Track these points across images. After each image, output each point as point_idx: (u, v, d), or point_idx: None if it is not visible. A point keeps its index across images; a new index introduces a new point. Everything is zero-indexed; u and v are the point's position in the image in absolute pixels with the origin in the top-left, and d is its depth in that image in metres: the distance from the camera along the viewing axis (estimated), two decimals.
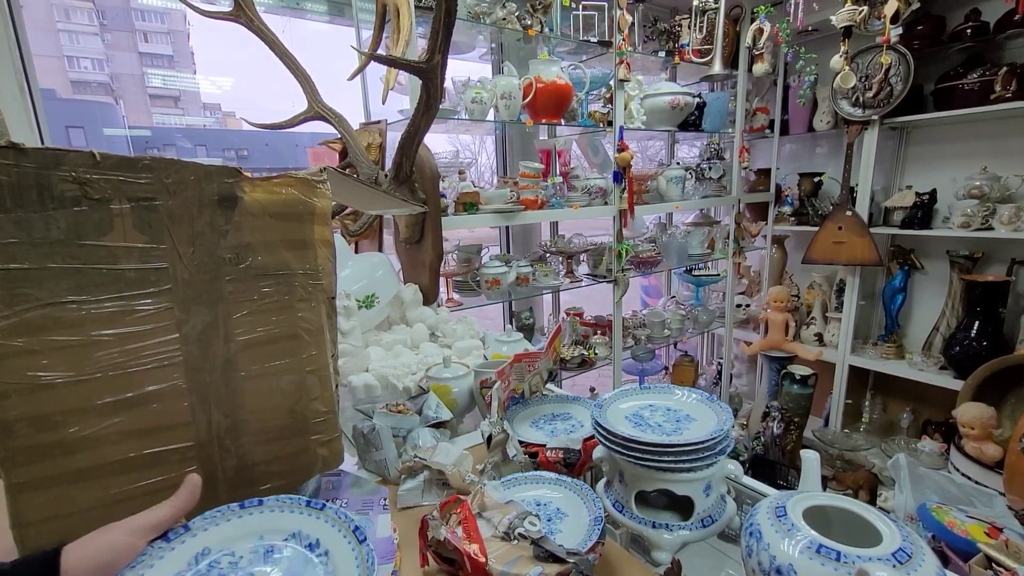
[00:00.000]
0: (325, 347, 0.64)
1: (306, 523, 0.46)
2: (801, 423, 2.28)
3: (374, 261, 1.28)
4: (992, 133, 2.14)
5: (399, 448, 0.87)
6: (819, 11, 1.99)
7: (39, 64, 1.47)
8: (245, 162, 17.14)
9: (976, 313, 2.02)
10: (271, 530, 0.46)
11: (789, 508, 0.56)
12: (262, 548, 0.45)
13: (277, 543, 0.46)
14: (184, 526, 0.46)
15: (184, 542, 0.45)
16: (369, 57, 1.34)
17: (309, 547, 0.45)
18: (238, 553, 0.45)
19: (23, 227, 0.47)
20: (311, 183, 0.61)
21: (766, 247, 2.81)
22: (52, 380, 0.49)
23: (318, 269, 0.63)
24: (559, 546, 0.56)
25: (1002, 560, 0.71)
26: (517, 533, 0.56)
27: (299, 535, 0.46)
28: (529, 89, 1.80)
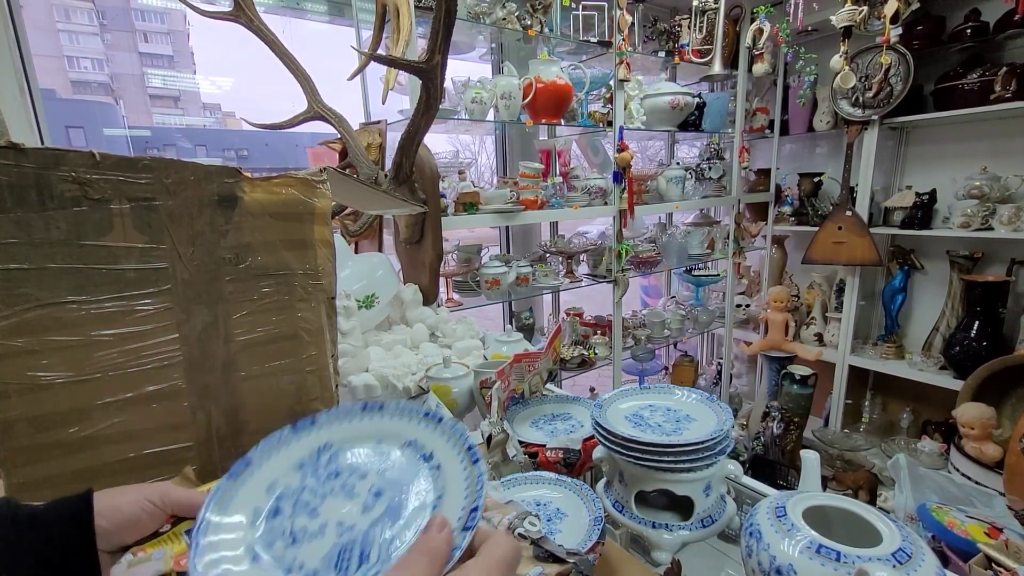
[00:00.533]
0: (325, 347, 0.64)
1: (423, 434, 0.45)
2: (801, 423, 2.28)
3: (374, 261, 1.28)
4: (992, 133, 2.14)
5: None
6: (819, 11, 1.99)
7: (39, 64, 1.47)
8: (245, 162, 17.15)
9: (976, 313, 2.02)
10: (389, 435, 0.45)
11: (789, 508, 0.56)
12: (379, 451, 0.45)
13: (394, 449, 0.45)
14: (311, 419, 0.45)
15: (310, 434, 0.45)
16: (369, 57, 1.34)
17: (423, 458, 0.43)
18: (357, 452, 0.44)
19: (23, 227, 0.47)
20: (311, 183, 0.61)
21: (766, 247, 2.81)
22: (52, 380, 0.49)
23: (318, 269, 0.63)
24: (559, 546, 0.56)
25: (1002, 560, 0.71)
26: (517, 533, 0.56)
27: (415, 444, 0.44)
28: (529, 89, 1.80)
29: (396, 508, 0.39)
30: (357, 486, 0.41)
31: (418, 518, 0.38)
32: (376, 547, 0.37)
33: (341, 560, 0.36)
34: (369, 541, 0.37)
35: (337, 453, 0.44)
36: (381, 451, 0.44)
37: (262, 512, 0.40)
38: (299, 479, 0.42)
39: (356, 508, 0.40)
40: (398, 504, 0.39)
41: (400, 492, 0.40)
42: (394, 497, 0.40)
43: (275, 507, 0.40)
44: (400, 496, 0.40)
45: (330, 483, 0.42)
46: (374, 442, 0.45)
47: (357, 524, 0.38)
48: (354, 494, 0.41)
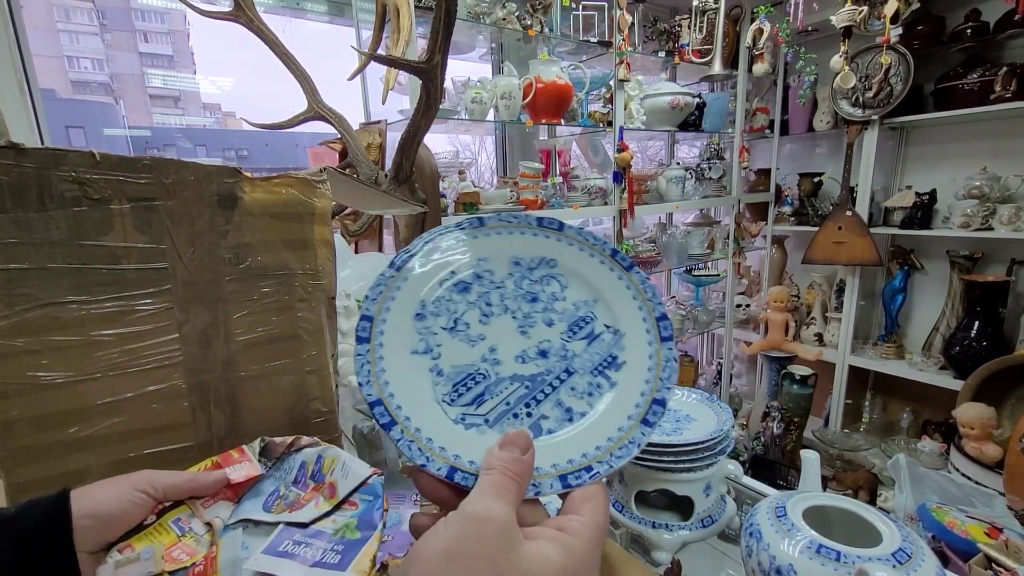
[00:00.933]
0: (325, 347, 0.64)
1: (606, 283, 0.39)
2: (801, 423, 2.28)
3: (374, 261, 1.28)
4: (992, 133, 2.14)
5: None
6: (819, 11, 1.99)
7: (39, 64, 1.47)
8: (245, 162, 17.14)
9: (976, 313, 2.02)
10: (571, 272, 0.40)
11: (789, 508, 0.56)
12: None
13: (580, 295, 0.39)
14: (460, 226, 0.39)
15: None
16: (369, 57, 1.34)
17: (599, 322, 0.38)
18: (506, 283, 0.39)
19: (23, 227, 0.47)
20: (311, 183, 0.61)
21: (766, 247, 2.81)
22: (52, 380, 0.49)
23: (318, 269, 0.63)
24: None
25: (1002, 560, 0.71)
26: None
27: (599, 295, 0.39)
28: (529, 89, 1.80)
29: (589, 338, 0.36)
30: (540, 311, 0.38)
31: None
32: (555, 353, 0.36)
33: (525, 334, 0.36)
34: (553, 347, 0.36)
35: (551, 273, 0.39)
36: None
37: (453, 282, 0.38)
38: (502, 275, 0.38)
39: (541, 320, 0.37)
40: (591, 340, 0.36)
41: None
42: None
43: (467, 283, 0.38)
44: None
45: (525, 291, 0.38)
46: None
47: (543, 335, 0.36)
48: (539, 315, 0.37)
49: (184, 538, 0.43)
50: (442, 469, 0.31)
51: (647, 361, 0.36)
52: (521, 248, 0.39)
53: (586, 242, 0.39)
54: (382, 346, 0.35)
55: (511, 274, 0.38)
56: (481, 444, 0.32)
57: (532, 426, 0.34)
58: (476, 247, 0.38)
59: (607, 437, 0.33)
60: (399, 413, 0.33)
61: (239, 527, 0.45)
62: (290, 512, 0.46)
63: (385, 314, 0.37)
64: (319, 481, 0.49)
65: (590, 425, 0.34)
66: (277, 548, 0.43)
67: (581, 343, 0.36)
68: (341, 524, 0.46)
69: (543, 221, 0.38)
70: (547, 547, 0.26)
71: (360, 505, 0.48)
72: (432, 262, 0.38)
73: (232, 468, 0.49)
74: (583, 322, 0.37)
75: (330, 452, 0.51)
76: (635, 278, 0.38)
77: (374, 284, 0.37)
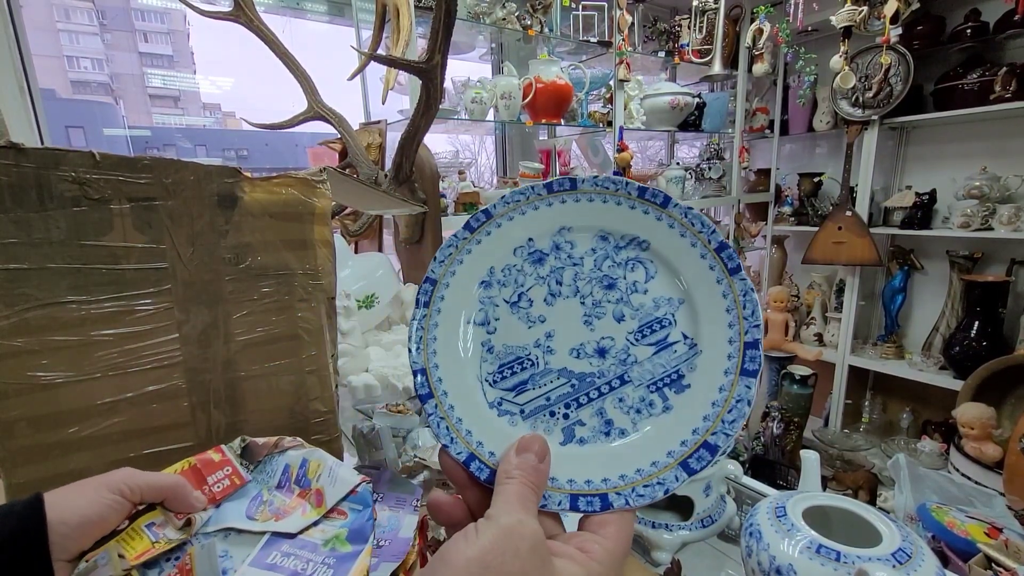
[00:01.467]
0: (325, 347, 0.64)
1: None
2: (801, 423, 2.28)
3: (374, 261, 1.28)
4: (992, 133, 2.14)
5: (399, 448, 0.87)
6: (819, 11, 1.99)
7: (39, 64, 1.47)
8: (245, 162, 17.14)
9: (976, 313, 2.02)
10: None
11: (789, 508, 0.56)
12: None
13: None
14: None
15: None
16: (369, 57, 1.34)
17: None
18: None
19: (23, 227, 0.47)
20: (311, 183, 0.61)
21: (766, 247, 2.81)
22: (52, 380, 0.49)
23: (318, 269, 0.63)
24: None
25: (1002, 560, 0.71)
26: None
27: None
28: (529, 89, 1.80)
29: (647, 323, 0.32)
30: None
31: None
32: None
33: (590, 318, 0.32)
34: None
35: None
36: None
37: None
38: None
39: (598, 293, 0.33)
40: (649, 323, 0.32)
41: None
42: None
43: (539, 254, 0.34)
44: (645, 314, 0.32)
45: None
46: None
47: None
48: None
49: (158, 544, 0.40)
50: (462, 454, 0.30)
51: (715, 394, 0.30)
52: (612, 220, 0.33)
53: (691, 226, 0.32)
54: (439, 312, 0.33)
55: (593, 250, 0.33)
56: (508, 436, 0.30)
57: (565, 429, 0.31)
58: (562, 213, 0.33)
59: (636, 468, 0.29)
60: (438, 386, 0.32)
61: (217, 535, 0.43)
62: (276, 521, 0.44)
63: (449, 278, 0.33)
64: (305, 487, 0.48)
65: (625, 448, 0.30)
66: (265, 560, 0.41)
67: (648, 349, 0.32)
68: (331, 535, 0.44)
69: (645, 192, 0.32)
70: (574, 569, 0.26)
71: (349, 515, 0.46)
72: (511, 225, 0.34)
73: (213, 476, 0.46)
74: (658, 324, 0.32)
75: (315, 456, 0.49)
76: (737, 286, 0.32)
77: (444, 245, 0.34)
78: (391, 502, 0.68)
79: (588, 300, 0.33)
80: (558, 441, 0.31)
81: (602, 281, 0.33)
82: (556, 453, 0.30)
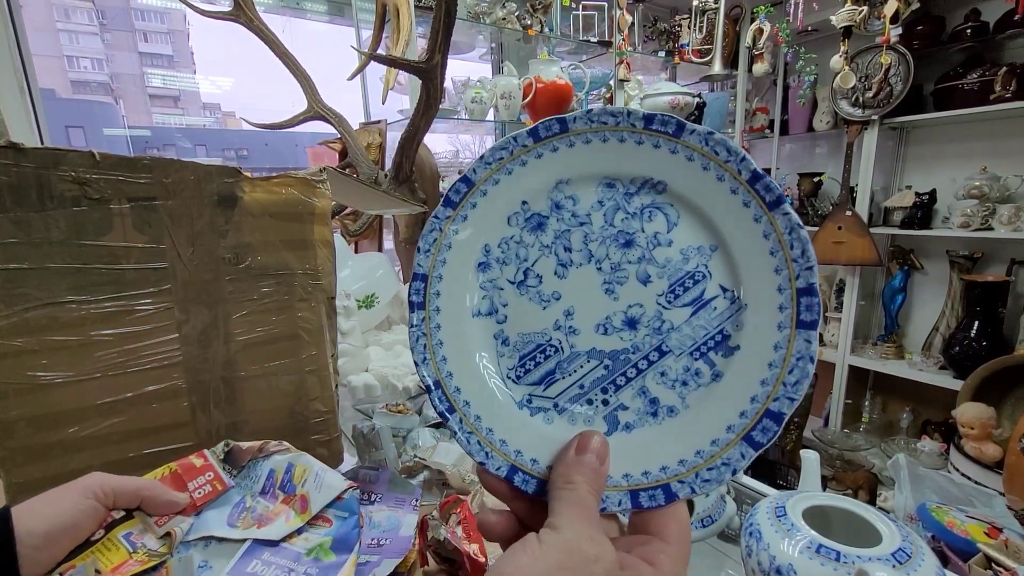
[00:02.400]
0: (325, 347, 0.64)
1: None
2: (801, 423, 2.28)
3: (374, 261, 1.28)
4: (992, 133, 2.14)
5: (399, 448, 0.87)
6: (819, 11, 1.99)
7: (39, 64, 1.47)
8: (245, 162, 17.14)
9: (976, 313, 2.02)
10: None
11: (789, 508, 0.56)
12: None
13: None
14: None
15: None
16: (369, 57, 1.34)
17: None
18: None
19: (23, 227, 0.47)
20: (311, 183, 0.61)
21: None
22: (52, 380, 0.49)
23: (318, 269, 0.63)
24: None
25: (1002, 560, 0.71)
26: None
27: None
28: (529, 89, 1.80)
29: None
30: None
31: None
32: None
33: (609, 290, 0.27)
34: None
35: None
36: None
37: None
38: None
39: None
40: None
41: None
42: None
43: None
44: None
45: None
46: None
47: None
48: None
49: (136, 554, 0.38)
50: (502, 469, 0.27)
51: (771, 353, 0.25)
52: (617, 162, 0.28)
53: (715, 156, 0.27)
54: (439, 311, 0.28)
55: (601, 203, 0.28)
56: (547, 437, 0.27)
57: (607, 417, 0.27)
58: (555, 163, 0.29)
59: (696, 450, 0.26)
60: (458, 397, 0.28)
61: (196, 545, 0.41)
62: (258, 527, 0.43)
63: (441, 268, 0.29)
64: (289, 493, 0.46)
65: (678, 427, 0.26)
66: (245, 569, 0.39)
67: (684, 311, 0.27)
68: (315, 544, 0.42)
69: (653, 121, 0.27)
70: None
71: (335, 522, 0.44)
72: (498, 190, 0.29)
73: (194, 482, 0.45)
74: (691, 280, 0.27)
75: (302, 460, 0.47)
76: (780, 222, 0.25)
77: (427, 229, 0.29)
78: (390, 502, 0.68)
79: (605, 264, 0.28)
80: (602, 432, 0.27)
81: (617, 239, 0.28)
82: None
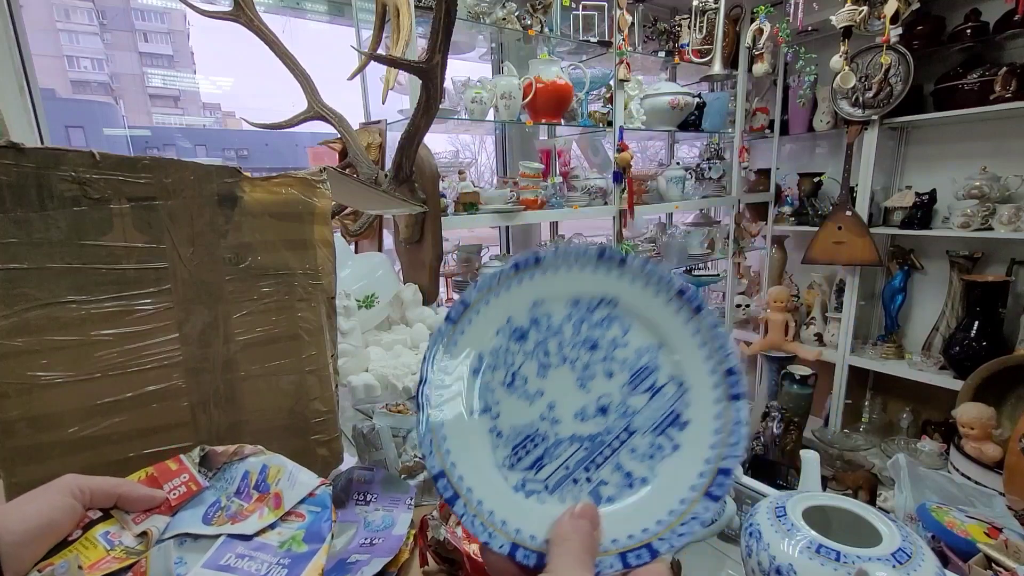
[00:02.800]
0: (325, 347, 0.64)
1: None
2: (801, 423, 2.28)
3: (374, 261, 1.28)
4: (992, 133, 2.14)
5: (399, 448, 0.87)
6: (819, 11, 1.99)
7: (39, 64, 1.47)
8: (245, 162, 17.14)
9: (976, 313, 2.02)
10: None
11: (789, 508, 0.56)
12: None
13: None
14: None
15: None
16: (369, 57, 1.34)
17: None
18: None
19: (23, 227, 0.47)
20: (311, 183, 0.61)
21: (766, 247, 2.81)
22: (52, 380, 0.49)
23: (318, 269, 0.63)
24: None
25: (1002, 560, 0.72)
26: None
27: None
28: (529, 89, 1.80)
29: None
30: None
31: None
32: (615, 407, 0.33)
33: (584, 382, 0.34)
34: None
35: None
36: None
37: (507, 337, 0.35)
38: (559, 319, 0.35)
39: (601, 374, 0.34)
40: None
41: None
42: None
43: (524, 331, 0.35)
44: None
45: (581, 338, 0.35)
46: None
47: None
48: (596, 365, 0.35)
49: (113, 551, 0.39)
50: (504, 547, 0.30)
51: (713, 422, 0.32)
52: (580, 285, 0.35)
53: (651, 278, 0.34)
54: (442, 411, 0.33)
55: (569, 316, 0.35)
56: (542, 515, 0.31)
57: (592, 492, 0.32)
58: (532, 288, 0.35)
59: (668, 510, 0.31)
60: (461, 484, 0.31)
61: (173, 540, 0.41)
62: (232, 524, 0.44)
63: (443, 376, 0.35)
64: (264, 491, 0.47)
65: (651, 494, 0.32)
66: (218, 562, 0.40)
67: (643, 396, 0.34)
68: (287, 536, 0.43)
69: (604, 253, 0.34)
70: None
71: (307, 516, 0.45)
72: (488, 310, 0.35)
73: (170, 483, 0.46)
74: (645, 372, 0.34)
75: (275, 461, 0.49)
76: (705, 322, 0.33)
77: (430, 343, 0.35)
78: (385, 502, 0.68)
79: (577, 364, 0.34)
80: None
81: (585, 344, 0.35)
82: None
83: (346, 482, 0.68)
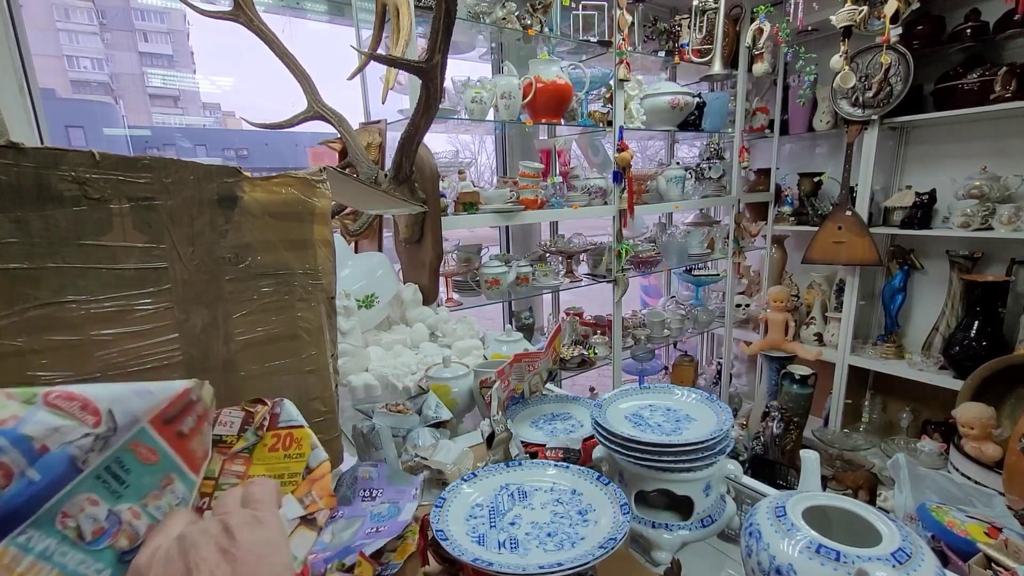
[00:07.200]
0: (325, 347, 0.64)
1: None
2: (801, 423, 2.28)
3: (374, 261, 1.28)
4: (992, 133, 2.14)
5: (399, 448, 0.87)
6: (819, 11, 1.99)
7: (39, 64, 1.47)
8: (245, 162, 17.11)
9: (976, 313, 2.02)
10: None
11: (789, 508, 0.56)
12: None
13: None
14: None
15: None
16: (369, 57, 1.34)
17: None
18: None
19: (23, 227, 0.47)
20: (311, 183, 0.61)
21: (766, 247, 2.81)
22: (52, 380, 0.49)
23: (318, 269, 0.63)
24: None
25: (1002, 560, 0.72)
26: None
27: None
28: (529, 89, 1.80)
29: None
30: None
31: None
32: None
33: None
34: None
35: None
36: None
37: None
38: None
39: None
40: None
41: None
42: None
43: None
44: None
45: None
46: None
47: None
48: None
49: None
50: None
51: (611, 520, 0.60)
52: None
53: (591, 476, 0.67)
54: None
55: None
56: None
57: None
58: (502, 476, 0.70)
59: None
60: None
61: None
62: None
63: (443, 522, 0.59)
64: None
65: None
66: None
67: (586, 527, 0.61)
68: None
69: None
70: None
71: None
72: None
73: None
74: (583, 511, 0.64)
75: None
76: (611, 488, 0.65)
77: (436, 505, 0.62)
78: (391, 494, 0.68)
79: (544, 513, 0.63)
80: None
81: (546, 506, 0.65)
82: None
83: (351, 479, 0.69)
